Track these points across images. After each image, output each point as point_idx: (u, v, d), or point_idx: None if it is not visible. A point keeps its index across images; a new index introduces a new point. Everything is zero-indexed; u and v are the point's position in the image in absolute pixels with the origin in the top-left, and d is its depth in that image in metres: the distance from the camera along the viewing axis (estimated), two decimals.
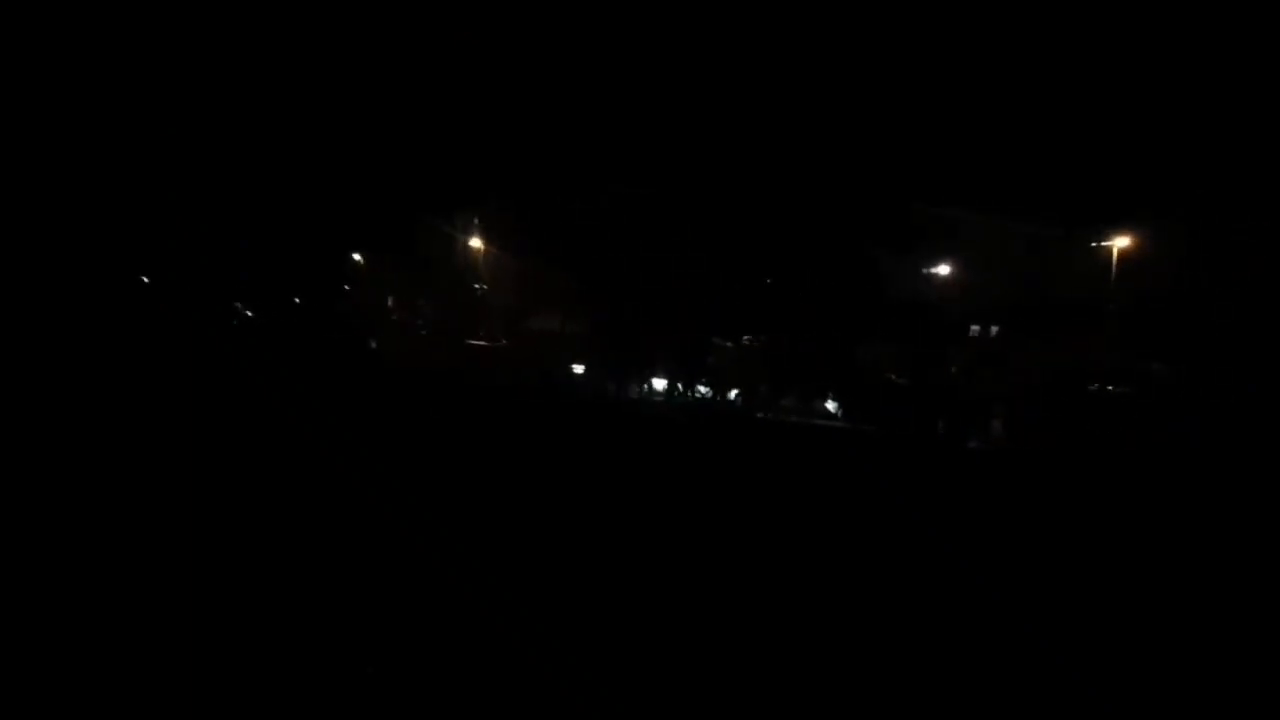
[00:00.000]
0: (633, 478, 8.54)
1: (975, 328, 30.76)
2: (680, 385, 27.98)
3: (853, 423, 27.26)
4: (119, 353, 17.70)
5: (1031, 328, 27.21)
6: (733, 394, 28.39)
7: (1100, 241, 26.84)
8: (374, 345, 26.27)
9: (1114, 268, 26.36)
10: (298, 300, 27.52)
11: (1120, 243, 26.19)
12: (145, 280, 27.92)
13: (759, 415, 26.64)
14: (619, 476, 8.49)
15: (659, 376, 28.12)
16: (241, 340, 26.79)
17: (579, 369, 28.08)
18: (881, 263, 29.70)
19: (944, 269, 30.86)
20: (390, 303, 28.02)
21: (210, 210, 27.01)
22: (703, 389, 28.29)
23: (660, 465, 10.23)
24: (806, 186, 28.32)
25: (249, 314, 27.19)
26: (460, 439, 10.30)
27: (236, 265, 27.32)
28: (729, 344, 28.06)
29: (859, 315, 29.04)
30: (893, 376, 29.33)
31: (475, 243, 28.92)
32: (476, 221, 27.88)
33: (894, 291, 29.78)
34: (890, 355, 29.66)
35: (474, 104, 25.76)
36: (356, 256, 27.57)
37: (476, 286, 28.32)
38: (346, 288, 27.35)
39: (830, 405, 29.37)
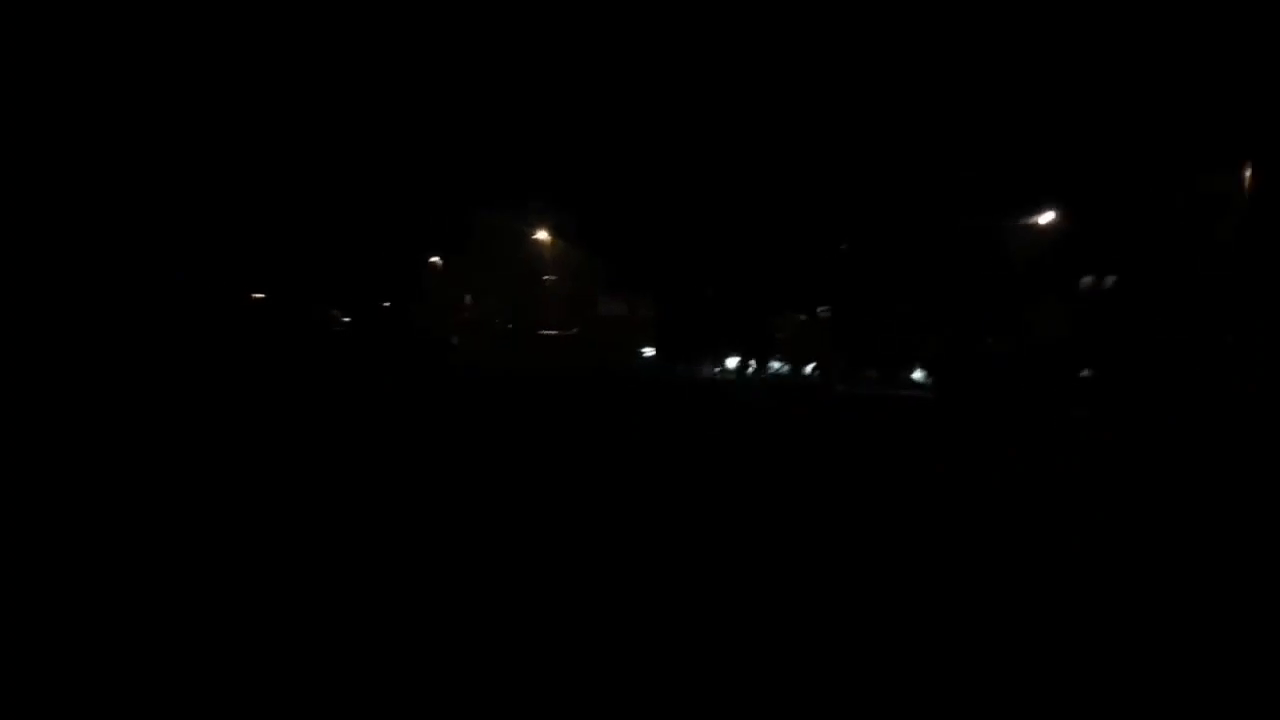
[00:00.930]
0: (707, 458, 8.17)
1: (1087, 279, 27.82)
2: (753, 362, 27.26)
3: (943, 393, 25.55)
4: (247, 359, 19.88)
5: (1145, 282, 24.20)
6: (809, 368, 27.32)
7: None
8: (455, 341, 27.57)
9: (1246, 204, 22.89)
10: (386, 304, 29.52)
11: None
12: (261, 295, 31.12)
13: (838, 389, 25.49)
14: (691, 457, 8.19)
15: (730, 355, 27.52)
16: (344, 343, 29.29)
17: (650, 352, 28.03)
18: (972, 216, 27.47)
19: (1046, 218, 28.15)
20: (467, 300, 29.34)
21: (308, 227, 29.47)
22: (776, 364, 27.42)
23: (736, 444, 9.86)
24: (882, 135, 26.57)
25: (345, 320, 29.49)
26: (539, 427, 10.51)
27: (332, 276, 29.76)
28: (803, 316, 26.99)
29: (947, 276, 27.02)
30: (990, 340, 27.17)
31: (542, 235, 29.63)
32: (541, 214, 28.54)
33: (987, 247, 27.47)
34: (986, 317, 27.48)
35: (531, 95, 26.28)
36: (435, 259, 29.09)
37: (546, 278, 29.04)
38: (428, 288, 28.93)
39: (917, 375, 27.64)
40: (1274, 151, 20.73)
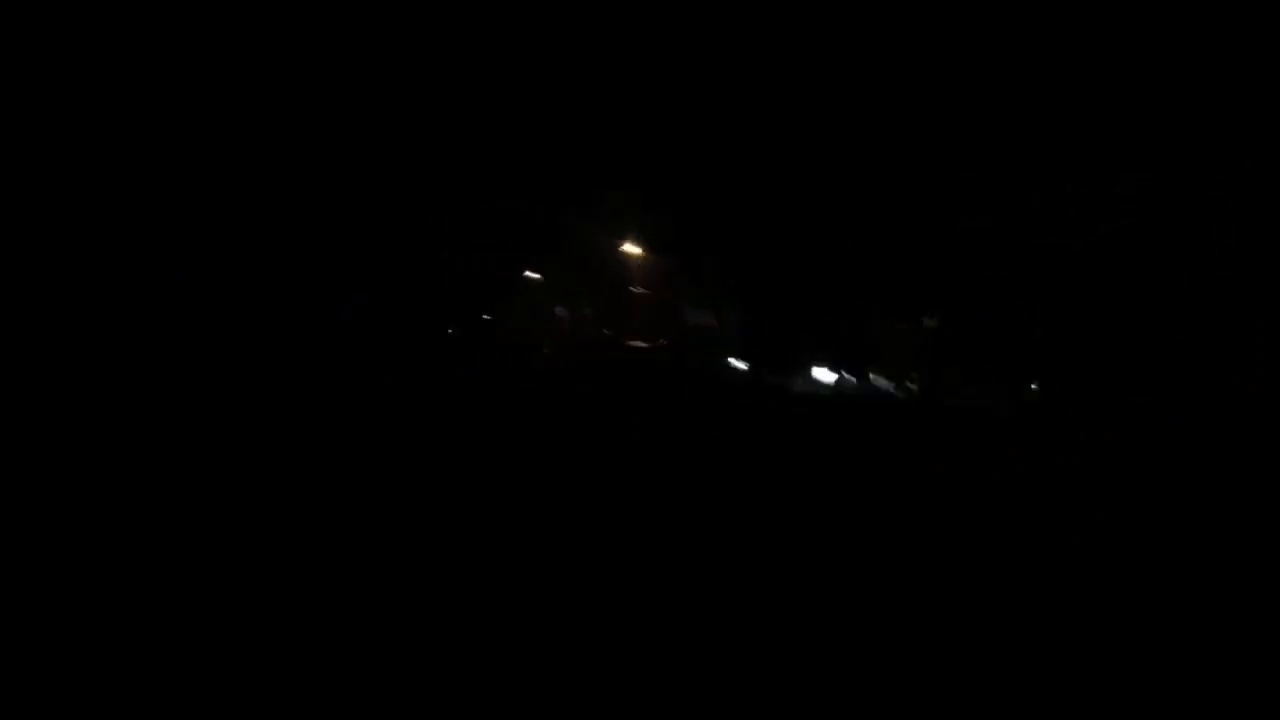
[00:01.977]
0: (797, 474, 7.96)
1: None
2: (849, 374, 25.00)
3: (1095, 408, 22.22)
4: (374, 373, 21.58)
5: None
6: (913, 381, 24.65)
7: None
8: (546, 352, 27.72)
9: None
10: (486, 317, 30.21)
11: None
12: (380, 315, 33.14)
13: (948, 403, 22.85)
14: (777, 472, 7.98)
15: (823, 365, 25.46)
16: (451, 354, 30.61)
17: (739, 364, 26.61)
18: (1106, 187, 23.63)
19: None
20: (559, 311, 29.33)
21: (421, 251, 31.01)
22: (876, 377, 24.99)
23: (830, 461, 9.43)
24: (987, 104, 23.48)
25: (449, 332, 30.56)
26: (623, 437, 10.91)
27: (440, 292, 31.00)
28: (904, 325, 24.41)
29: (1078, 267, 23.37)
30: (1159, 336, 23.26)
31: (629, 246, 28.92)
32: (628, 223, 27.96)
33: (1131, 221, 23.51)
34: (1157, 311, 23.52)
35: (614, 106, 25.78)
36: (529, 273, 29.34)
37: (633, 289, 28.37)
38: (522, 301, 29.26)
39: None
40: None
